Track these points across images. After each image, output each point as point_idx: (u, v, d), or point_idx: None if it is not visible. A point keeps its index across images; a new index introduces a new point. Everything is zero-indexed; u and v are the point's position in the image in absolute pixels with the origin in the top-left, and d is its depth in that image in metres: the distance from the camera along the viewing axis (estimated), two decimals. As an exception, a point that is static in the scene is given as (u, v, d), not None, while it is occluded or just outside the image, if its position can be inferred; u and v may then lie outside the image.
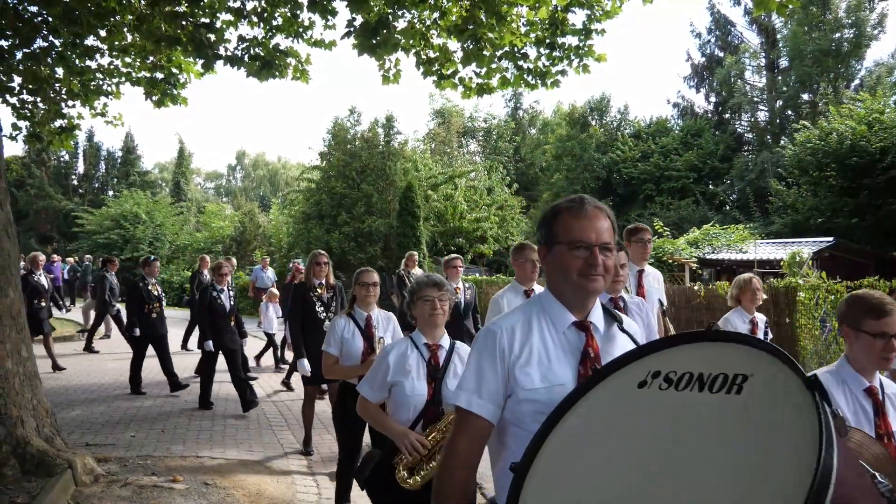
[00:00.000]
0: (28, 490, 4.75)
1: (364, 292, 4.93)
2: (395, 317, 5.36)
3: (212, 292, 8.57)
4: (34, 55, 8.50)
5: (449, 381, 3.40)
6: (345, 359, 4.79)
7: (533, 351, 1.96)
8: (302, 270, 11.04)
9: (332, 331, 4.82)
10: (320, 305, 6.81)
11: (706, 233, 18.04)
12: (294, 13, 7.96)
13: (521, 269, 5.35)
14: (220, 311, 8.54)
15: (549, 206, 2.11)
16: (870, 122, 20.38)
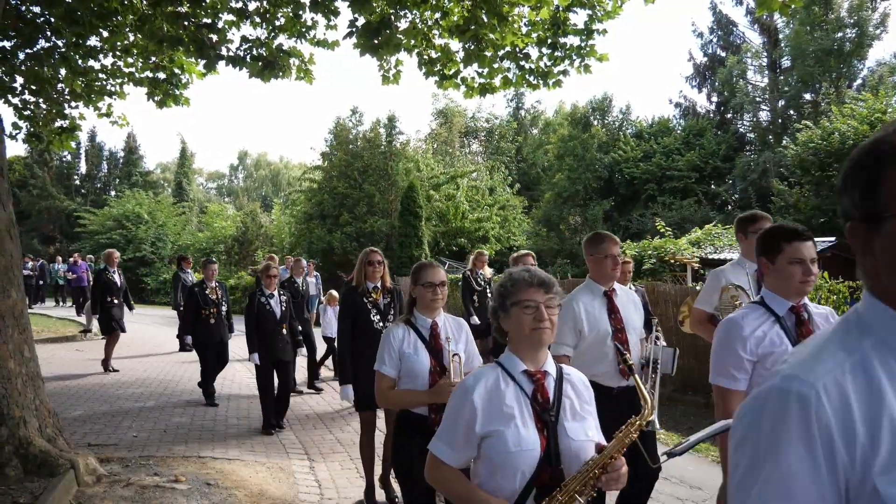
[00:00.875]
0: (30, 490, 4.76)
1: (429, 295, 3.78)
2: None
3: (259, 297, 7.69)
4: (36, 56, 8.53)
5: (567, 423, 2.32)
6: (405, 380, 3.72)
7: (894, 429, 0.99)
8: (304, 268, 10.92)
9: (387, 344, 3.74)
10: (376, 313, 5.59)
11: (708, 233, 17.98)
12: (296, 13, 7.97)
13: (600, 265, 4.33)
14: (270, 319, 7.61)
15: None
16: (872, 122, 20.34)
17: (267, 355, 7.57)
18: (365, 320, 5.53)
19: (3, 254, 5.24)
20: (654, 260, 15.81)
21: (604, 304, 4.23)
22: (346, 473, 6.32)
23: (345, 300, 5.79)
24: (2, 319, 5.12)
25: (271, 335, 7.59)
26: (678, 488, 5.82)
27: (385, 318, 5.57)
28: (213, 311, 9.01)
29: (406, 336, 3.77)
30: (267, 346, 7.56)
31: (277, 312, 7.66)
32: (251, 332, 7.52)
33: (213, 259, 9.80)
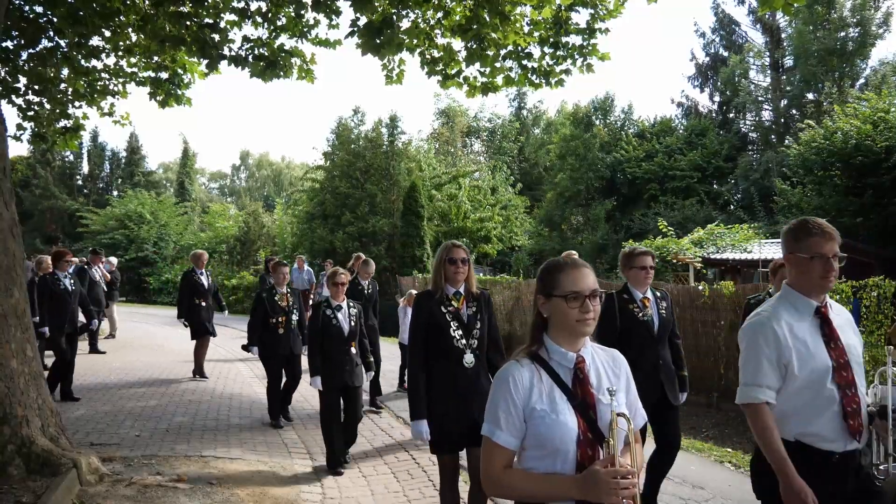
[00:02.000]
0: (33, 489, 4.77)
1: (576, 312, 2.30)
2: None
3: (325, 310, 6.39)
4: (39, 56, 8.54)
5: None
6: (533, 453, 2.28)
7: None
8: None
9: (504, 393, 2.29)
10: (457, 327, 4.22)
11: (710, 232, 17.99)
12: (298, 13, 7.98)
13: (807, 269, 2.98)
14: (338, 337, 6.34)
15: None
16: (875, 122, 20.28)
17: (333, 381, 6.29)
18: (442, 336, 4.21)
19: (5, 253, 5.25)
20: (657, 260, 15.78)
21: (817, 328, 2.92)
22: (348, 473, 6.32)
23: (418, 307, 4.36)
24: (4, 319, 5.12)
25: (339, 356, 6.28)
26: (681, 488, 5.81)
27: (469, 334, 4.24)
28: (282, 319, 7.93)
29: (536, 381, 2.29)
30: (333, 369, 6.25)
31: (346, 328, 6.33)
32: (314, 352, 6.29)
33: (284, 262, 8.63)
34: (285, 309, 7.98)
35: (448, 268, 4.25)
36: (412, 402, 4.24)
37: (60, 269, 9.17)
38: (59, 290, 9.06)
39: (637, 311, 4.97)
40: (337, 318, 6.35)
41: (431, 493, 5.73)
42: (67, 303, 9.04)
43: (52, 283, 9.08)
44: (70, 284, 9.22)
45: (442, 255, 4.30)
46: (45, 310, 8.96)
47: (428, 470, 6.36)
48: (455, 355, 4.17)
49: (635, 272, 5.01)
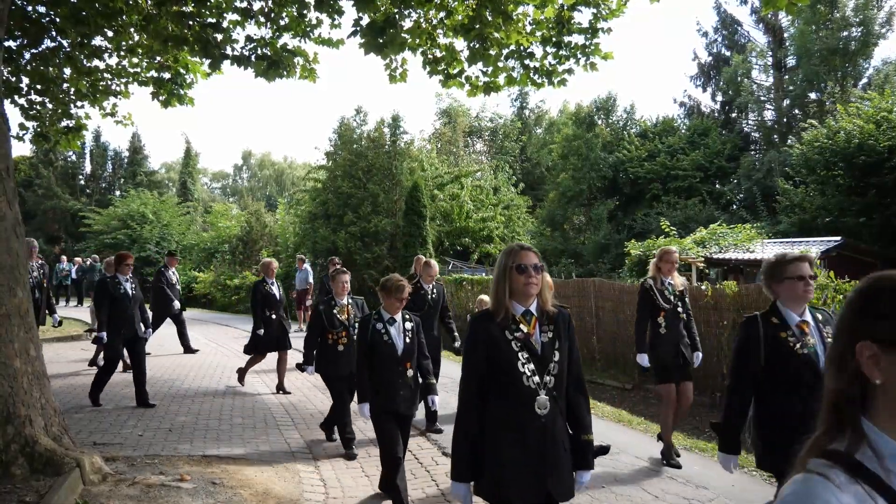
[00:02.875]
0: (36, 489, 4.77)
1: None
2: None
3: (374, 324, 5.34)
4: (42, 56, 8.55)
5: None
6: None
7: None
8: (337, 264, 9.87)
9: None
10: (527, 359, 3.05)
11: (713, 232, 17.96)
12: (301, 13, 7.98)
13: None
14: (390, 357, 5.26)
15: None
16: (878, 121, 20.27)
17: (383, 406, 5.22)
18: (507, 372, 3.05)
19: (9, 253, 5.25)
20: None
21: None
22: (350, 473, 6.32)
23: (473, 334, 3.15)
24: (7, 318, 5.13)
25: (390, 378, 5.23)
26: (684, 488, 5.80)
27: (544, 368, 3.05)
28: (342, 334, 6.87)
29: None
30: (384, 394, 5.23)
31: (399, 346, 5.26)
32: (362, 374, 5.33)
33: (344, 269, 7.45)
34: (346, 322, 6.93)
35: (515, 278, 3.06)
36: (456, 456, 3.16)
37: (122, 272, 8.83)
38: (119, 293, 8.73)
39: (792, 342, 3.68)
40: (389, 333, 5.28)
41: (434, 493, 5.73)
42: (127, 307, 8.72)
43: (113, 286, 8.73)
44: (130, 289, 8.84)
45: (506, 261, 3.11)
46: (103, 314, 8.67)
47: (431, 470, 6.36)
48: (524, 398, 3.00)
49: (789, 284, 3.72)
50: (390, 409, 5.20)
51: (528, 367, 3.03)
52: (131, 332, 8.74)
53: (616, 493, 5.67)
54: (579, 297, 13.99)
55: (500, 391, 3.07)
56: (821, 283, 8.73)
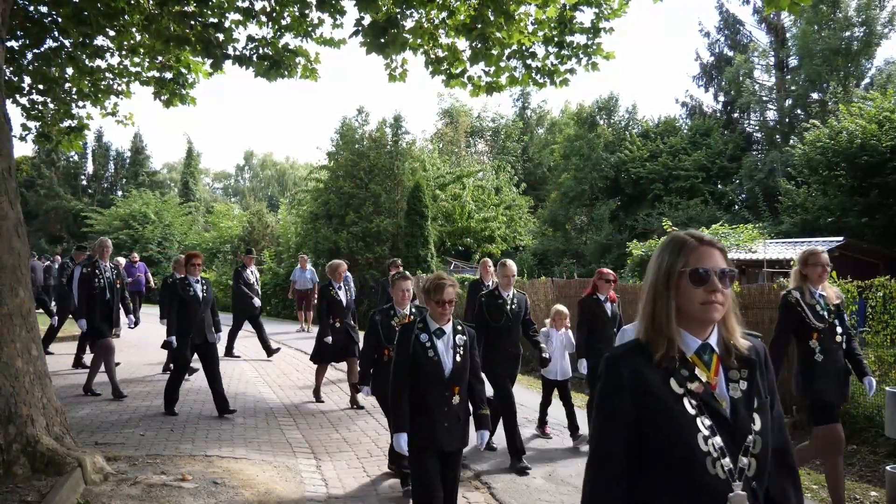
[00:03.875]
0: (38, 489, 4.77)
1: None
2: None
3: (418, 334, 4.28)
4: (44, 55, 8.56)
5: None
6: None
7: None
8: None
9: None
10: (711, 427, 1.83)
11: (715, 232, 17.95)
12: (303, 12, 7.98)
13: None
14: (434, 376, 4.19)
15: None
16: (880, 121, 20.25)
17: (422, 439, 4.17)
18: (678, 447, 1.76)
19: (11, 253, 5.25)
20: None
21: None
22: (352, 472, 6.31)
23: (613, 374, 2.09)
24: (10, 318, 5.13)
25: (433, 404, 4.18)
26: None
27: (738, 442, 1.81)
28: None
29: None
30: (424, 424, 4.16)
31: (447, 365, 4.17)
32: (399, 397, 4.22)
33: (405, 273, 6.52)
34: None
35: (689, 293, 1.92)
36: None
37: (191, 273, 8.26)
38: (189, 296, 8.19)
39: None
40: (435, 348, 4.19)
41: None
42: (197, 310, 8.17)
43: (182, 288, 8.21)
44: (201, 291, 8.28)
45: (671, 261, 1.97)
46: (172, 317, 8.20)
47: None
48: (708, 495, 1.82)
49: None
50: (430, 443, 4.12)
51: (713, 442, 1.83)
52: (201, 338, 8.24)
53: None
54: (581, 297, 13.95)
55: (663, 481, 1.86)
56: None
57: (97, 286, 9.20)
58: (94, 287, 9.20)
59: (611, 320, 7.19)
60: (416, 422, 4.17)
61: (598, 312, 7.15)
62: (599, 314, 7.15)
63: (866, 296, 8.21)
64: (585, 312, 7.21)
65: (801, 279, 5.36)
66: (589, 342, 7.14)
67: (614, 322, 7.21)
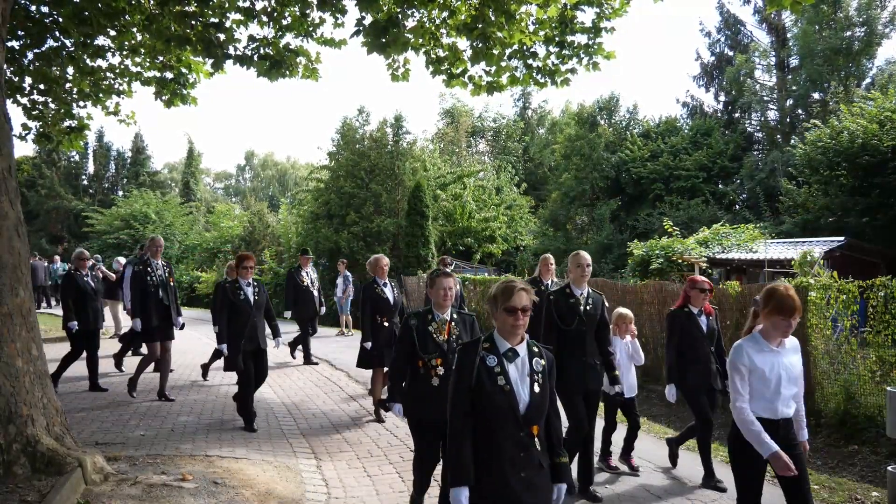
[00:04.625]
0: (38, 489, 4.76)
1: None
2: None
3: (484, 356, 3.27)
4: (45, 55, 8.56)
5: None
6: None
7: None
8: None
9: None
10: None
11: (716, 232, 17.95)
12: (304, 12, 7.98)
13: None
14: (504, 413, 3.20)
15: None
16: (881, 121, 20.24)
17: (494, 498, 3.18)
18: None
19: (11, 252, 5.25)
20: (662, 259, 15.76)
21: None
22: (353, 472, 6.30)
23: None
24: (10, 318, 5.12)
25: (504, 448, 3.18)
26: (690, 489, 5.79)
27: None
28: (437, 363, 4.84)
29: None
30: (494, 474, 3.18)
31: (523, 397, 3.20)
32: (460, 439, 3.23)
33: (447, 271, 5.35)
34: (442, 344, 4.81)
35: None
36: None
37: (243, 275, 7.69)
38: (240, 300, 7.62)
39: None
40: (507, 374, 3.20)
41: (436, 493, 5.71)
42: (249, 315, 7.58)
43: (233, 292, 7.67)
44: (253, 294, 7.70)
45: None
46: (223, 323, 7.66)
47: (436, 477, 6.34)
48: None
49: None
50: (502, 500, 3.14)
51: None
52: (253, 345, 7.60)
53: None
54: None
55: None
56: (824, 284, 8.70)
57: (150, 284, 8.87)
58: (148, 286, 8.87)
59: (706, 337, 6.13)
60: (481, 472, 3.17)
61: (690, 328, 6.11)
62: (692, 330, 6.10)
63: (867, 296, 8.21)
64: (675, 328, 6.17)
65: None
66: (681, 364, 6.12)
67: (711, 339, 6.17)
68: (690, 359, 6.08)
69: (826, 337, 8.54)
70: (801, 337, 8.80)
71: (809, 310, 8.59)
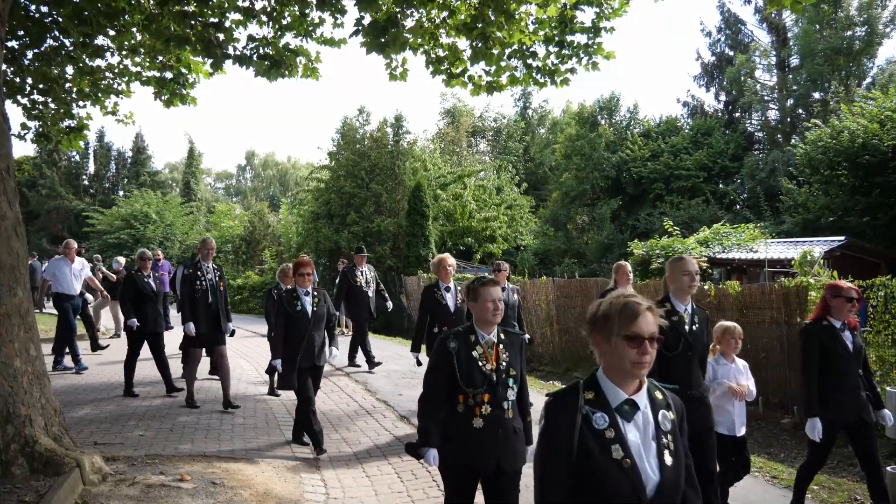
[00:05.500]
0: (36, 489, 4.76)
1: None
2: None
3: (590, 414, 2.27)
4: (44, 55, 8.55)
5: None
6: None
7: None
8: None
9: None
10: None
11: (716, 232, 17.93)
12: (303, 12, 7.96)
13: None
14: (619, 493, 2.22)
15: None
16: (882, 121, 20.23)
17: None
18: None
19: (9, 252, 5.25)
20: (662, 259, 15.74)
21: None
22: (351, 473, 6.30)
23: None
24: (8, 318, 5.12)
25: None
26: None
27: None
28: (483, 398, 3.74)
29: None
30: None
31: (652, 477, 2.24)
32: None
33: (493, 278, 4.02)
34: (490, 375, 3.75)
35: None
36: None
37: (301, 284, 6.79)
38: (296, 312, 6.76)
39: None
40: (624, 440, 2.25)
41: (435, 494, 5.71)
42: (307, 328, 6.72)
43: (289, 302, 6.76)
44: (312, 305, 6.79)
45: None
46: (278, 336, 6.85)
47: (432, 470, 6.34)
48: None
49: None
50: None
51: None
52: (310, 362, 6.75)
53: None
54: (582, 297, 13.97)
55: None
56: (824, 283, 8.70)
57: (198, 289, 8.41)
58: (196, 290, 8.40)
59: (853, 357, 4.95)
60: None
61: (832, 346, 4.94)
62: (835, 348, 4.94)
63: (867, 295, 8.20)
64: (813, 346, 4.99)
65: None
66: (824, 392, 4.94)
67: (858, 360, 4.99)
68: (832, 385, 4.93)
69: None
70: (801, 337, 8.80)
71: (810, 310, 8.58)
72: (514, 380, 3.77)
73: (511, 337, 3.91)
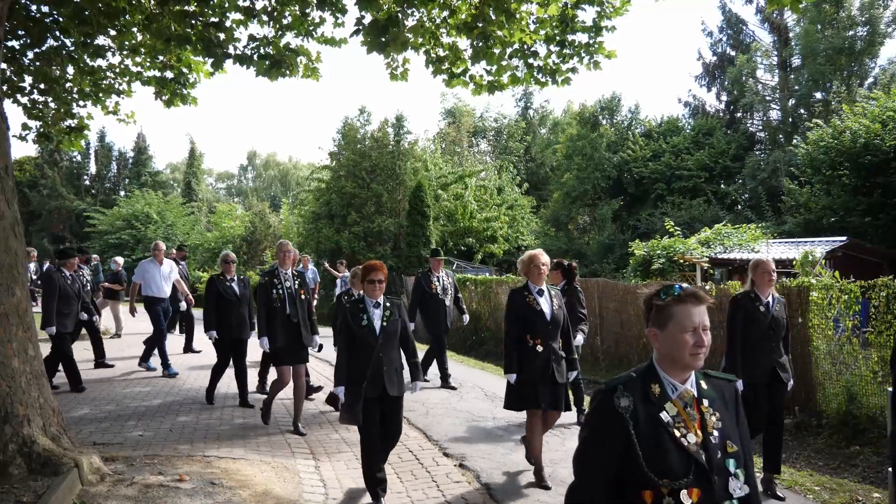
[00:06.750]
0: (34, 489, 4.75)
1: None
2: None
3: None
4: (45, 55, 8.54)
5: None
6: None
7: None
8: None
9: None
10: None
11: (718, 232, 17.92)
12: (304, 11, 7.95)
13: None
14: None
15: None
16: (884, 121, 20.20)
17: None
18: None
19: (7, 252, 5.23)
20: (664, 259, 15.73)
21: None
22: (351, 473, 6.28)
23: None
24: (6, 318, 5.11)
25: None
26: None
27: None
28: None
29: None
30: None
31: None
32: None
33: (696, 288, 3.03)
34: (697, 454, 2.24)
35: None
36: None
37: (370, 293, 5.45)
38: (360, 326, 5.39)
39: None
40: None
41: (435, 494, 5.69)
42: (372, 348, 5.36)
43: (353, 314, 5.44)
44: (381, 319, 5.44)
45: None
46: (341, 358, 5.45)
47: (431, 470, 6.32)
48: None
49: None
50: None
51: None
52: (377, 391, 5.32)
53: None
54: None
55: None
56: (826, 284, 8.67)
57: (275, 299, 7.49)
58: (272, 300, 7.49)
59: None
60: None
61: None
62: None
63: (869, 295, 8.17)
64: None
65: None
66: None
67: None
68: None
69: (828, 337, 8.51)
70: (802, 337, 8.77)
71: (811, 310, 8.56)
72: (735, 462, 2.29)
73: (713, 383, 2.44)
